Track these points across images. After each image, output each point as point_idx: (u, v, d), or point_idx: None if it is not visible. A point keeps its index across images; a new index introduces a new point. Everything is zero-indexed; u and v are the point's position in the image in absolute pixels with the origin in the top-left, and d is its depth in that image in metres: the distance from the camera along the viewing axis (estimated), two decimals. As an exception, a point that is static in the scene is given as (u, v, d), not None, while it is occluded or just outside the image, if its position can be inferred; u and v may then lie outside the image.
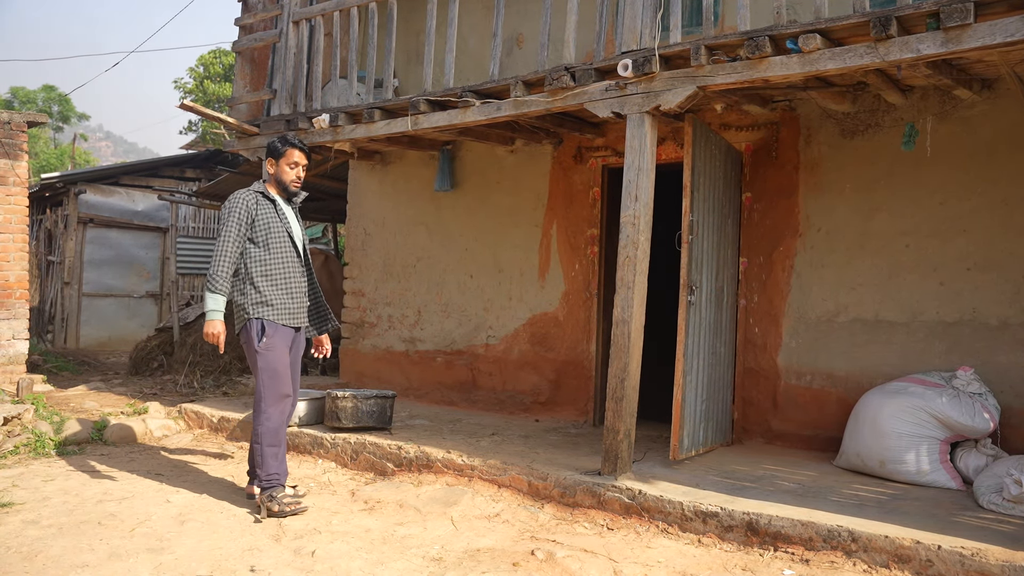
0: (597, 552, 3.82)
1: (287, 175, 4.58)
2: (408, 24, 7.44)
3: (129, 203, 13.12)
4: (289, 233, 4.54)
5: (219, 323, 4.37)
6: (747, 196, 5.75)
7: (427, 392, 7.48)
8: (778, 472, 4.79)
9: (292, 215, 4.67)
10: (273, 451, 4.40)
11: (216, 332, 4.37)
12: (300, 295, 4.57)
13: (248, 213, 4.45)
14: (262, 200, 4.52)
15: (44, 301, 13.40)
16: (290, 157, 4.57)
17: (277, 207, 4.55)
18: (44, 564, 3.55)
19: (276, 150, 4.60)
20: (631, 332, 4.54)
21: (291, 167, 4.59)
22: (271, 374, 4.39)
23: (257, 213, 4.48)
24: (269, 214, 4.50)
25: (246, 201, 4.47)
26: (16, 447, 5.62)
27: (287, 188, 4.61)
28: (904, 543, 3.48)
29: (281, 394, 4.43)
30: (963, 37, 3.61)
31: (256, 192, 4.55)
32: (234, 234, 4.41)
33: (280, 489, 4.37)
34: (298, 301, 4.55)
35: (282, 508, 4.27)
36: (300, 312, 4.57)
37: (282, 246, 4.51)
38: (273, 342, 4.40)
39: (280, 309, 4.45)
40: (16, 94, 39.38)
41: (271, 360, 4.39)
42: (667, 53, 4.45)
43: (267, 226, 4.47)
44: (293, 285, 4.53)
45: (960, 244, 4.99)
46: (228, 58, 26.29)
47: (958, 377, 4.68)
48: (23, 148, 7.65)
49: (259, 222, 4.47)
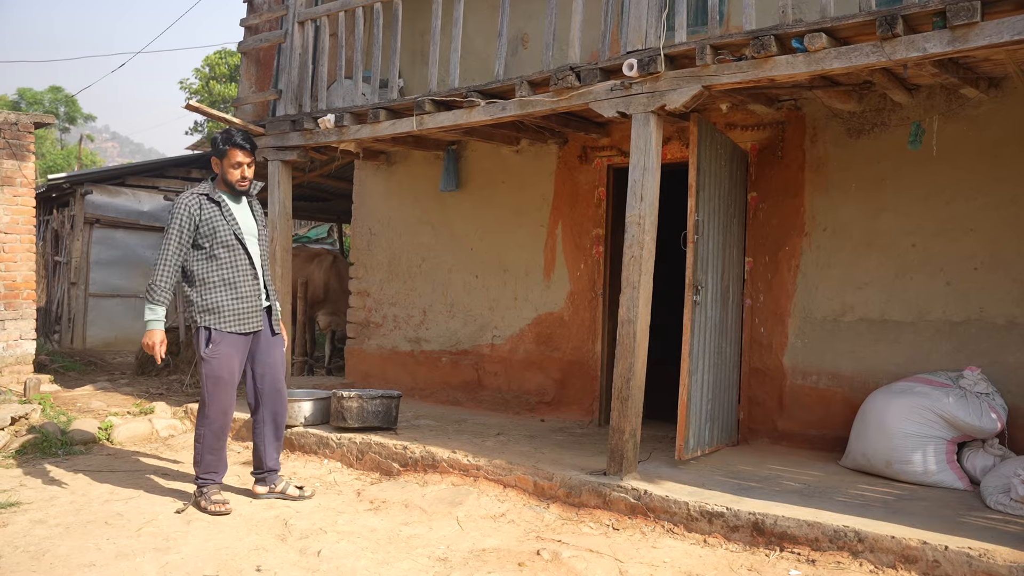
0: (603, 552, 3.82)
1: (231, 175, 4.44)
2: (413, 24, 7.44)
3: (135, 203, 13.15)
4: (236, 235, 4.40)
5: (157, 332, 4.32)
6: (753, 195, 5.74)
7: (433, 392, 7.49)
8: (784, 472, 4.78)
9: (246, 213, 4.54)
10: (212, 453, 4.44)
11: (153, 342, 4.31)
12: (252, 298, 4.43)
13: (190, 219, 4.33)
14: (206, 203, 4.38)
15: (51, 301, 13.44)
16: (232, 157, 4.42)
17: (223, 208, 4.40)
18: (51, 563, 3.56)
19: (218, 150, 4.45)
20: (637, 332, 4.54)
21: (234, 167, 4.44)
22: (214, 381, 4.35)
23: (201, 217, 4.35)
24: (214, 217, 4.37)
25: (188, 206, 4.34)
26: (23, 446, 5.64)
27: (234, 188, 4.47)
28: (911, 543, 3.47)
29: (223, 400, 4.39)
30: (970, 36, 3.60)
31: (200, 195, 4.41)
32: (174, 243, 4.31)
33: (214, 488, 4.43)
34: (249, 304, 4.41)
35: (207, 507, 4.32)
36: (251, 316, 4.42)
37: (228, 250, 4.38)
38: (219, 349, 4.33)
39: (226, 316, 4.35)
40: (23, 95, 39.46)
41: (215, 367, 4.34)
42: (672, 53, 4.45)
43: (212, 230, 4.35)
44: (242, 289, 4.40)
45: (967, 243, 4.97)
46: (234, 59, 26.33)
47: (965, 377, 4.67)
48: (30, 149, 7.67)
49: (203, 226, 4.35)
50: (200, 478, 4.44)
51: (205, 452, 4.42)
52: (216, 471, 4.46)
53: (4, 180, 7.48)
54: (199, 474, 4.45)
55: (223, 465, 4.52)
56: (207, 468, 4.43)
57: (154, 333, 4.31)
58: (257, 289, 4.46)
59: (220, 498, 4.38)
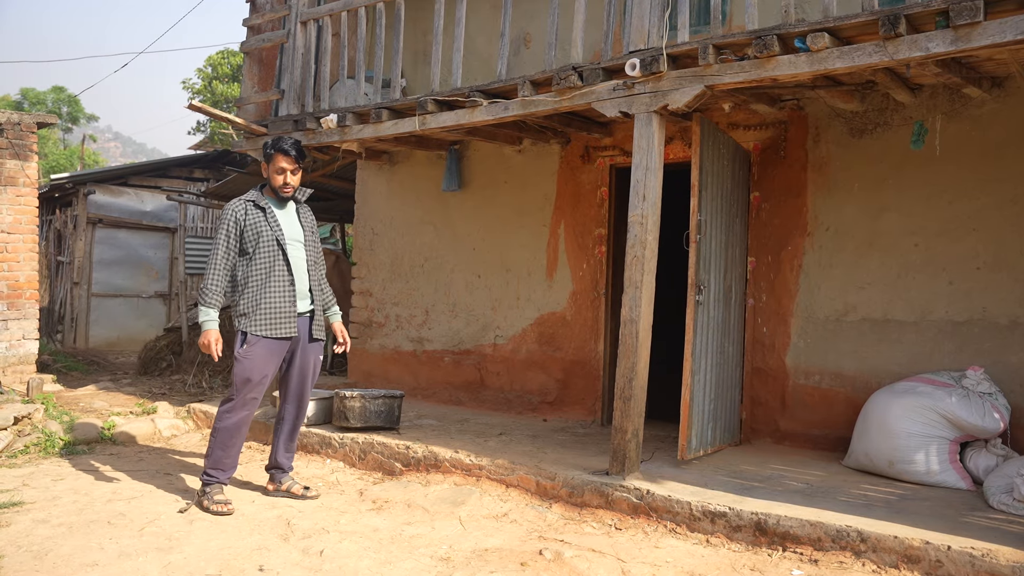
0: (605, 552, 3.82)
1: (275, 181, 4.53)
2: (416, 24, 7.44)
3: (138, 203, 13.17)
4: (278, 241, 4.47)
5: (212, 332, 4.39)
6: (755, 195, 5.74)
7: (435, 392, 7.49)
8: (786, 472, 4.78)
9: (292, 219, 4.61)
10: (223, 449, 4.47)
11: (208, 341, 4.40)
12: (286, 304, 4.46)
13: (236, 224, 4.45)
14: (252, 209, 4.48)
15: (54, 301, 13.46)
16: (276, 163, 4.51)
17: (267, 214, 4.49)
18: (54, 563, 3.56)
19: (265, 154, 4.57)
20: (639, 332, 4.54)
21: (278, 173, 4.52)
22: (242, 381, 4.41)
23: (246, 223, 4.46)
24: (258, 222, 4.47)
25: (234, 212, 4.46)
26: (26, 446, 5.65)
27: (277, 193, 4.56)
28: (914, 543, 3.47)
29: (247, 400, 4.44)
30: (973, 35, 3.59)
31: (247, 201, 4.52)
32: (222, 248, 4.44)
33: (217, 488, 4.44)
34: (282, 310, 4.45)
35: (209, 506, 4.34)
36: (284, 321, 4.45)
37: (267, 255, 4.45)
38: (252, 351, 4.39)
39: (260, 320, 4.41)
40: (26, 95, 39.52)
41: (245, 367, 4.39)
42: (675, 52, 4.45)
43: (256, 235, 4.45)
44: (276, 294, 4.44)
45: (969, 243, 4.97)
46: (236, 58, 26.35)
47: (968, 377, 4.66)
48: (33, 149, 7.68)
49: (247, 231, 4.45)
50: (206, 473, 4.46)
51: (216, 447, 4.45)
52: (223, 468, 4.48)
53: (7, 180, 7.49)
54: (206, 468, 4.48)
55: (232, 463, 4.53)
56: (215, 463, 4.45)
57: (209, 333, 4.39)
58: (292, 295, 4.48)
59: (223, 498, 4.39)
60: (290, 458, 4.77)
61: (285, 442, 4.72)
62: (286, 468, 4.74)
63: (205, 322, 4.40)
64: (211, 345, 4.39)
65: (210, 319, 4.40)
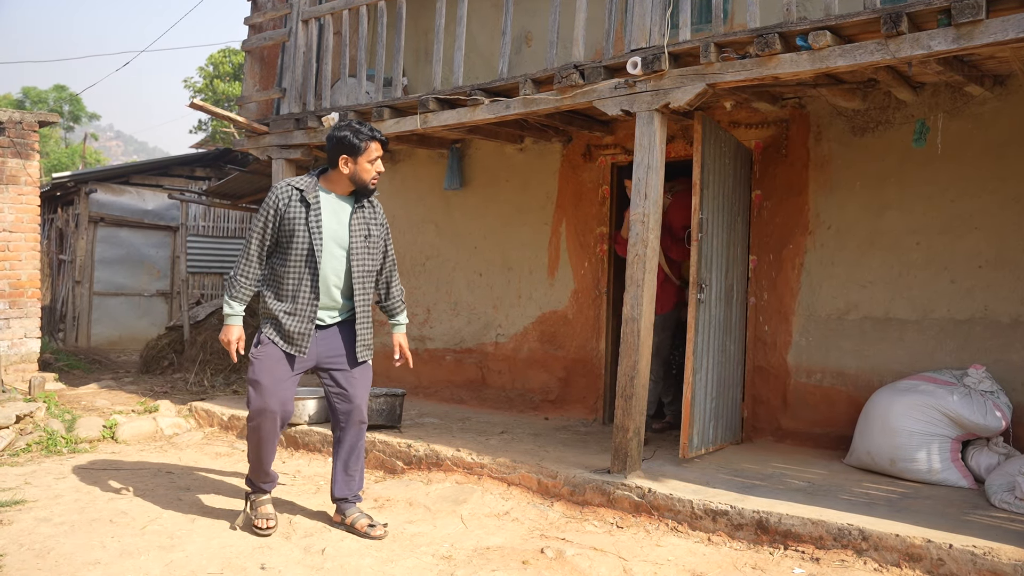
0: (607, 550, 3.82)
1: (367, 174, 3.90)
2: (417, 22, 7.44)
3: (139, 202, 13.18)
4: (311, 245, 3.84)
5: (234, 329, 3.95)
6: (757, 194, 5.73)
7: (437, 390, 7.49)
8: (788, 470, 4.78)
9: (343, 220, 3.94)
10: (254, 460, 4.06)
11: (230, 339, 3.94)
12: (304, 321, 3.89)
13: (276, 212, 3.86)
14: (295, 201, 3.86)
15: (55, 300, 13.48)
16: (370, 153, 3.88)
17: (312, 211, 3.84)
18: (56, 561, 3.56)
19: (351, 145, 3.84)
20: (640, 330, 4.54)
21: (372, 163, 3.90)
22: (253, 384, 3.92)
23: (286, 212, 3.86)
24: (296, 218, 3.85)
25: (278, 199, 3.87)
26: (28, 445, 5.66)
27: (366, 187, 3.93)
28: (915, 542, 3.47)
29: (259, 405, 3.92)
30: (975, 33, 3.59)
31: (295, 188, 3.89)
32: (257, 237, 3.90)
33: (263, 499, 4.10)
34: (302, 325, 3.89)
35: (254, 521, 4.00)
36: (302, 338, 3.89)
37: (296, 257, 3.87)
38: (267, 351, 3.91)
39: (275, 329, 3.92)
40: (27, 94, 39.56)
41: (256, 369, 3.90)
42: (676, 51, 4.45)
43: (291, 231, 3.85)
44: (300, 305, 3.88)
45: (971, 241, 4.96)
46: (238, 57, 26.35)
47: (969, 375, 4.66)
48: (34, 148, 7.68)
49: (285, 224, 3.87)
50: (248, 482, 4.14)
51: (250, 455, 4.08)
52: (264, 480, 4.09)
53: (9, 179, 7.49)
54: (249, 476, 4.14)
55: (266, 474, 4.09)
56: (252, 473, 4.10)
57: (230, 329, 3.95)
58: (312, 312, 3.89)
59: (268, 511, 4.04)
60: (352, 488, 4.15)
61: (342, 470, 4.14)
62: (348, 499, 4.15)
63: (229, 316, 3.94)
64: (231, 343, 3.94)
65: (234, 313, 3.93)
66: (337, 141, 3.87)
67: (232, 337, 3.95)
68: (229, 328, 3.96)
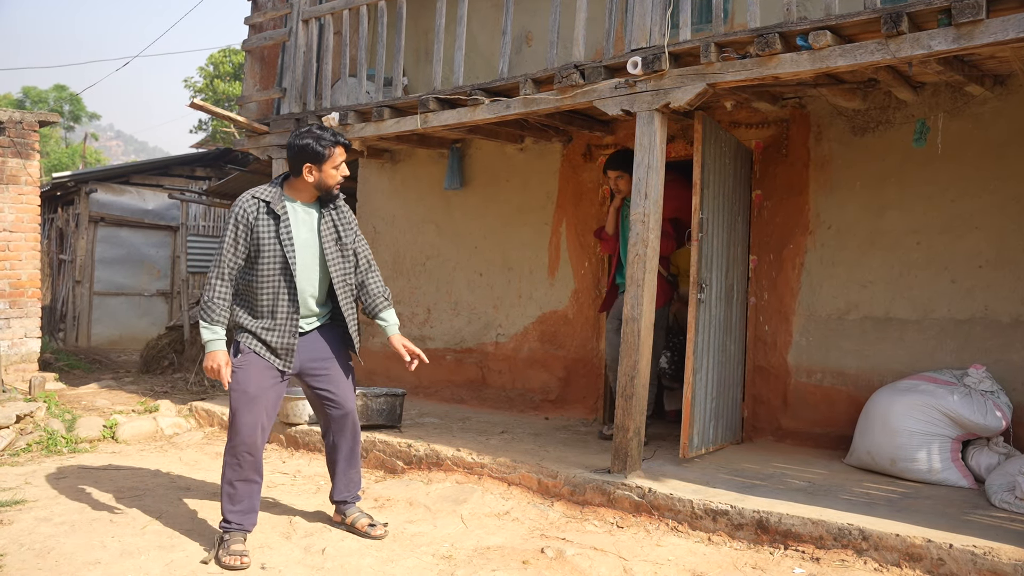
0: (607, 550, 3.82)
1: (332, 179, 3.79)
2: (417, 22, 7.44)
3: (140, 202, 13.19)
4: (283, 255, 3.71)
5: (220, 354, 3.70)
6: (757, 193, 5.73)
7: (437, 390, 7.49)
8: (788, 470, 4.78)
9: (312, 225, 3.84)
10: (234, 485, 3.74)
11: (216, 365, 3.69)
12: (288, 333, 3.76)
13: (247, 226, 3.71)
14: (263, 214, 3.73)
15: (56, 300, 13.48)
16: (335, 159, 3.77)
17: (281, 223, 3.72)
18: (56, 561, 3.57)
19: (314, 153, 3.72)
20: (641, 330, 4.54)
21: (336, 169, 3.79)
22: (239, 394, 3.71)
23: (255, 226, 3.72)
24: (267, 232, 3.72)
25: (245, 213, 3.72)
26: (28, 445, 5.66)
27: (330, 193, 3.82)
28: (915, 542, 3.47)
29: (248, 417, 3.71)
30: (975, 33, 3.59)
31: (260, 201, 3.75)
32: (228, 254, 3.72)
33: (237, 537, 3.68)
34: (284, 339, 3.75)
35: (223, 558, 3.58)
36: (287, 353, 3.76)
37: (269, 272, 3.73)
38: (249, 359, 3.74)
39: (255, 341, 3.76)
40: (28, 94, 39.58)
41: (241, 379, 3.71)
42: (677, 51, 4.44)
43: (262, 245, 3.71)
44: (279, 320, 3.75)
45: (972, 241, 4.96)
46: (238, 57, 26.36)
47: (970, 375, 4.66)
48: (35, 147, 7.69)
49: (255, 239, 3.72)
50: (223, 522, 3.73)
51: (226, 484, 3.74)
52: (242, 510, 3.74)
53: (9, 179, 7.50)
54: (223, 513, 3.75)
55: (249, 504, 3.76)
56: (229, 505, 3.73)
57: (215, 355, 3.69)
58: (294, 325, 3.77)
59: (240, 549, 3.61)
60: (352, 490, 4.10)
61: (344, 472, 4.07)
62: (349, 500, 4.11)
63: (211, 342, 3.69)
64: (220, 370, 3.68)
65: (216, 338, 3.69)
66: (299, 149, 3.74)
67: (220, 362, 3.69)
68: (214, 354, 3.70)
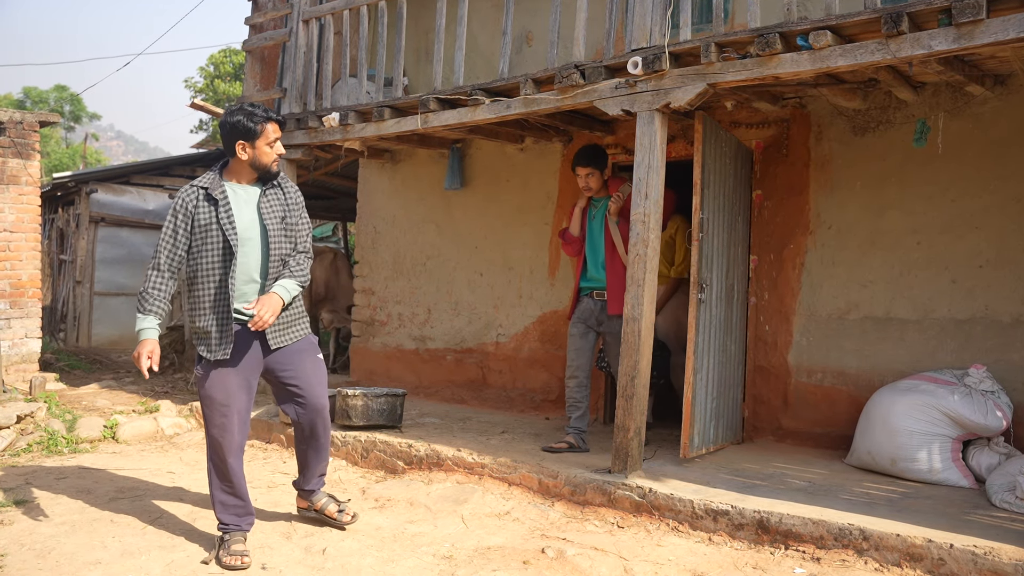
0: (607, 550, 3.82)
1: (267, 158, 3.71)
2: (418, 22, 7.44)
3: (140, 202, 13.18)
4: (230, 244, 3.62)
5: (148, 343, 3.61)
6: (757, 193, 5.73)
7: (437, 390, 7.49)
8: (789, 470, 4.78)
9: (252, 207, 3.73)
10: (223, 492, 3.75)
11: (139, 353, 3.59)
12: (223, 317, 3.66)
13: (186, 216, 3.66)
14: (203, 201, 3.66)
15: (56, 300, 13.48)
16: (268, 135, 3.69)
17: (221, 207, 3.64)
18: (57, 561, 3.57)
19: (247, 130, 3.65)
20: (641, 330, 4.54)
21: (270, 147, 3.71)
22: (208, 402, 3.71)
23: (196, 215, 3.66)
24: (207, 219, 3.65)
25: (184, 203, 3.67)
26: (29, 445, 5.66)
27: (268, 171, 3.74)
28: (916, 542, 3.47)
29: (221, 425, 3.70)
30: (975, 33, 3.59)
31: (199, 188, 3.69)
32: (167, 245, 3.67)
33: (237, 537, 3.70)
34: (220, 326, 3.66)
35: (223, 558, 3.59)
36: (222, 340, 3.66)
37: (211, 258, 3.66)
38: (212, 368, 3.70)
39: (208, 340, 3.69)
40: (28, 94, 39.61)
41: (208, 387, 3.70)
42: (677, 50, 4.44)
43: (203, 235, 3.65)
44: (222, 307, 3.66)
45: (972, 241, 4.96)
46: (238, 57, 26.38)
47: (970, 375, 4.66)
48: (35, 148, 7.69)
49: (197, 227, 3.66)
50: (220, 524, 3.76)
51: (214, 491, 3.77)
52: (236, 513, 3.76)
53: (9, 179, 7.50)
54: (218, 517, 3.78)
55: (242, 507, 3.78)
56: (222, 512, 3.76)
57: (144, 344, 3.61)
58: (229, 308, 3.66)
59: (240, 549, 3.62)
60: (321, 479, 4.15)
61: (314, 463, 4.05)
62: (315, 489, 4.14)
63: (142, 331, 3.63)
64: (140, 357, 3.59)
65: (148, 327, 3.63)
66: (231, 127, 3.66)
67: (145, 350, 3.60)
68: (143, 343, 3.62)
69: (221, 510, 3.75)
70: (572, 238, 5.46)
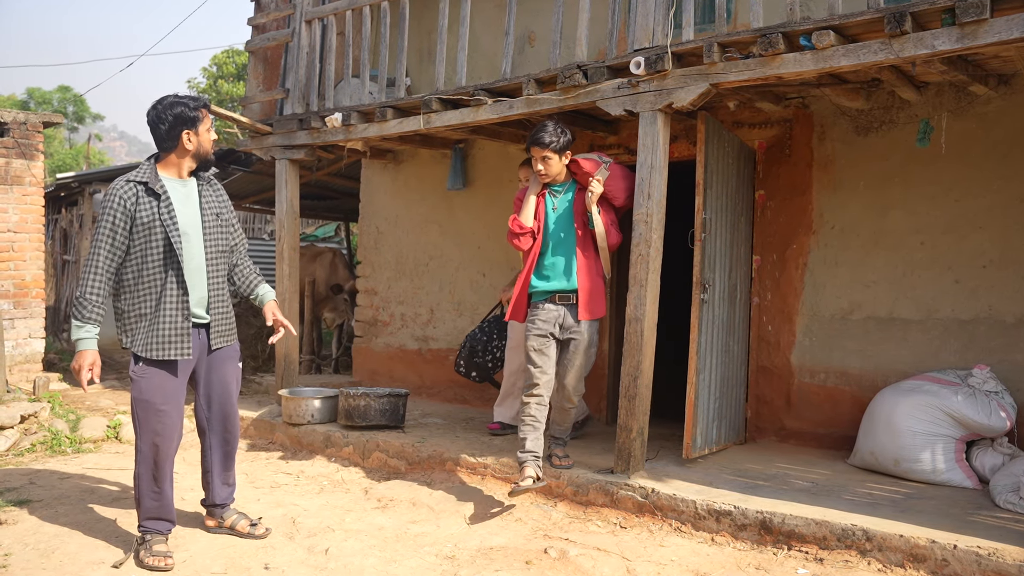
0: (610, 550, 3.82)
1: (207, 146, 3.71)
2: (420, 23, 7.44)
3: (143, 202, 13.17)
4: (170, 239, 3.57)
5: (88, 354, 3.53)
6: (760, 194, 5.72)
7: (440, 390, 7.49)
8: (791, 471, 4.77)
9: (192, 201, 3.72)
10: (153, 497, 3.67)
11: (79, 365, 3.51)
12: (177, 318, 3.60)
13: (125, 213, 3.54)
14: (143, 195, 3.57)
15: (60, 300, 13.50)
16: (206, 121, 3.71)
17: (163, 201, 3.58)
18: (61, 561, 3.57)
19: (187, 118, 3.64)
20: (644, 330, 4.53)
21: (209, 132, 3.73)
22: (143, 405, 3.61)
23: (136, 211, 3.55)
24: (150, 213, 3.56)
25: (122, 198, 3.54)
26: (33, 445, 5.67)
27: (207, 160, 3.74)
28: (919, 542, 3.47)
29: (156, 428, 3.62)
30: (979, 33, 3.58)
31: (137, 184, 3.59)
32: (105, 244, 3.54)
33: (158, 539, 3.65)
34: (173, 326, 3.59)
35: (146, 559, 3.55)
36: (176, 340, 3.59)
37: (156, 256, 3.57)
38: (147, 370, 3.61)
39: (146, 340, 3.59)
40: (32, 94, 39.67)
41: (142, 388, 3.60)
42: (680, 51, 4.44)
43: (146, 231, 3.57)
44: (166, 307, 3.58)
45: (975, 241, 4.95)
46: (241, 58, 26.39)
47: (974, 375, 4.65)
48: (39, 148, 7.71)
49: (138, 225, 3.56)
50: (141, 526, 3.67)
51: (143, 495, 3.66)
52: (161, 517, 3.69)
53: (13, 179, 7.51)
54: (140, 521, 3.69)
55: (168, 510, 3.72)
56: (147, 514, 3.66)
57: (84, 355, 3.52)
58: (185, 307, 3.63)
59: (163, 550, 3.59)
60: (231, 491, 4.05)
61: (220, 474, 3.98)
62: (226, 504, 4.03)
63: (81, 340, 3.52)
64: (81, 370, 3.51)
65: (87, 336, 3.53)
66: (175, 118, 3.62)
67: (85, 362, 3.52)
68: (83, 353, 3.52)
69: (145, 514, 3.67)
70: (526, 230, 4.71)
